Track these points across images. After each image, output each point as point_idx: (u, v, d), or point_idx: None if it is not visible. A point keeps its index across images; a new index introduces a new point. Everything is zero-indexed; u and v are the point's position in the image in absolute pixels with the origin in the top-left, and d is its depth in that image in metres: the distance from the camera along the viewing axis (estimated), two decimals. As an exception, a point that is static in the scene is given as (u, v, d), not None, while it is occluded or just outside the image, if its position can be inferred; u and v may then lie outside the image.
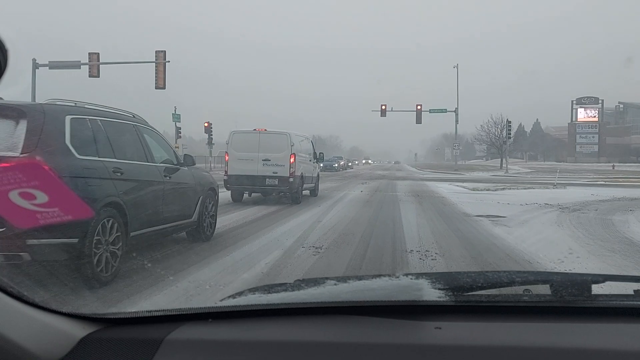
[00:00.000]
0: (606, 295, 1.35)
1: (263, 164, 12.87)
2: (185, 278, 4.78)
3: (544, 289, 1.36)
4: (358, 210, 11.51)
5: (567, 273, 2.45)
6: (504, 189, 20.50)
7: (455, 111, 48.17)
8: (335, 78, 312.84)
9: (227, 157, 13.37)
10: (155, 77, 24.45)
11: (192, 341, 1.12)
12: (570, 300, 1.30)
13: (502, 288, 1.39)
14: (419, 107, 47.70)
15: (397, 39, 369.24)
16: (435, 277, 1.40)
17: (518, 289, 1.38)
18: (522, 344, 1.08)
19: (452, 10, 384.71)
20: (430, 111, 48.38)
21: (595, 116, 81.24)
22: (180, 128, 40.92)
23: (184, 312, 1.26)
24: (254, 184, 12.89)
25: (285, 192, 13.16)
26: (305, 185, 14.45)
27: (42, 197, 0.95)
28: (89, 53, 25.05)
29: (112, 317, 1.22)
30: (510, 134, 42.52)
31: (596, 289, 1.34)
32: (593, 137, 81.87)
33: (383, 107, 48.72)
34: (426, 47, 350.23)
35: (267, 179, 12.82)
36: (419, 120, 47.79)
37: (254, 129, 13.54)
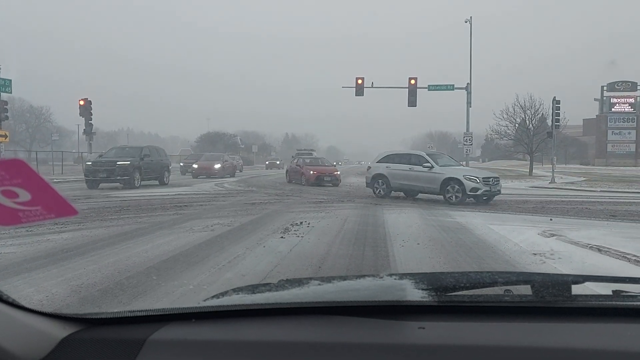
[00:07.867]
0: (585, 295, 1.37)
1: None
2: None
3: (525, 290, 1.38)
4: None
5: (548, 274, 2.28)
6: None
7: (467, 88, 32.00)
8: (314, 73, 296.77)
9: None
10: None
11: (175, 341, 1.13)
12: (550, 301, 1.33)
13: (484, 288, 1.40)
14: (412, 82, 31.77)
15: (382, 31, 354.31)
16: (419, 278, 1.42)
17: (500, 290, 1.40)
18: (504, 343, 1.10)
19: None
20: (430, 88, 32.33)
21: (632, 106, 63.64)
22: (7, 103, 24.06)
23: (167, 312, 1.26)
24: None
25: None
26: None
27: (24, 195, 0.91)
28: None
29: (94, 317, 1.21)
30: (558, 120, 26.80)
31: (576, 289, 1.36)
32: (629, 133, 65.04)
33: (359, 82, 32.71)
34: (417, 35, 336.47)
35: None
36: (412, 102, 31.88)
37: None
